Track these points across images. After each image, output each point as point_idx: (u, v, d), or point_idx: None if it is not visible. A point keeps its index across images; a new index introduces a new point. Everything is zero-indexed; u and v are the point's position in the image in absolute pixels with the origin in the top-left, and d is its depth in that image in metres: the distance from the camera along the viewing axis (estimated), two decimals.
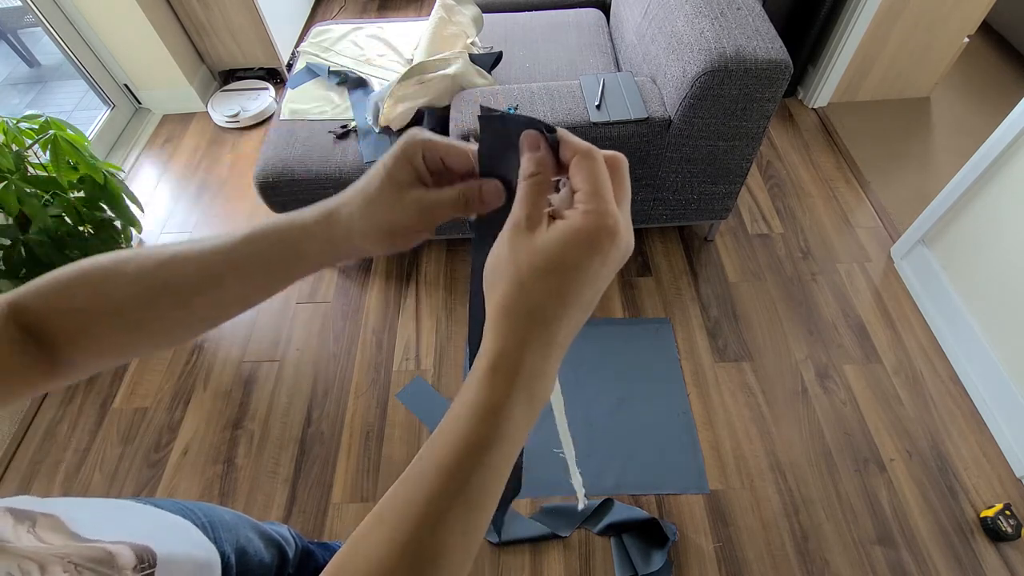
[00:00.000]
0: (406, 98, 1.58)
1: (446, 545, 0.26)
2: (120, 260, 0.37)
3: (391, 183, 0.35)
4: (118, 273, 0.36)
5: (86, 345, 0.37)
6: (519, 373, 0.28)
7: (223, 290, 0.37)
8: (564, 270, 0.27)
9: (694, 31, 1.39)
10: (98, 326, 0.37)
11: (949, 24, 2.10)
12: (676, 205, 1.71)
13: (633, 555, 1.29)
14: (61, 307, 0.36)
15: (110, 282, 0.36)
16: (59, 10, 2.12)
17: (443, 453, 0.28)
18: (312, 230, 0.36)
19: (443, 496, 0.27)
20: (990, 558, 1.29)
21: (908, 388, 1.56)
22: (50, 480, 1.48)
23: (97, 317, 0.36)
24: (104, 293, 0.36)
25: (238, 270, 0.37)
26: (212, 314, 0.39)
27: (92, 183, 1.40)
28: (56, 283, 0.36)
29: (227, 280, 0.37)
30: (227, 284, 0.37)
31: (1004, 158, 1.44)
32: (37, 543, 0.37)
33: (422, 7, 3.18)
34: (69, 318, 0.36)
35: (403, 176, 0.35)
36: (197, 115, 2.54)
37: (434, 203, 0.34)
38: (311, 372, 1.66)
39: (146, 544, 0.43)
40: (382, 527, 0.27)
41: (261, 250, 0.37)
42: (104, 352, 0.38)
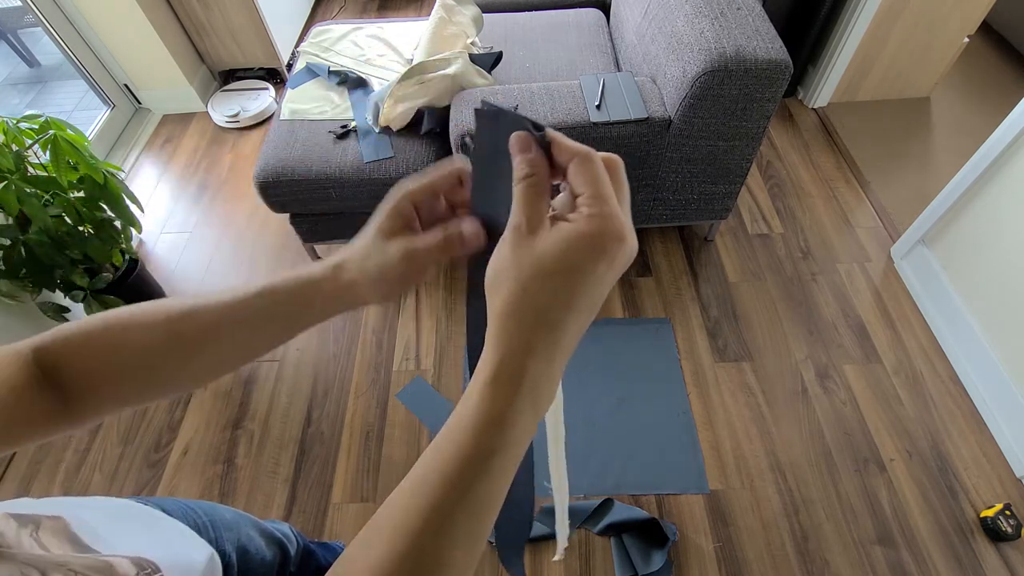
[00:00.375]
0: (406, 98, 1.58)
1: (448, 554, 0.26)
2: (141, 311, 0.39)
3: (378, 234, 0.36)
4: (137, 324, 0.38)
5: (104, 391, 0.39)
6: (523, 380, 0.27)
7: (235, 342, 0.40)
8: (569, 273, 0.27)
9: (694, 31, 1.39)
10: (116, 373, 0.38)
11: (949, 24, 2.10)
12: (676, 205, 1.71)
13: (633, 555, 1.29)
14: (82, 354, 0.38)
15: (130, 332, 0.38)
16: (59, 10, 2.12)
17: (445, 461, 0.27)
18: (321, 285, 0.38)
19: (445, 504, 0.26)
20: (990, 558, 1.29)
21: (908, 388, 1.56)
22: (50, 480, 1.48)
23: (116, 365, 0.38)
24: (123, 343, 0.38)
25: (250, 323, 0.39)
26: (222, 363, 0.41)
27: (92, 183, 1.40)
28: (79, 331, 0.38)
29: (239, 333, 0.39)
30: (239, 336, 0.39)
31: (1004, 158, 1.44)
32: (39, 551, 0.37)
33: (422, 7, 3.18)
34: (89, 365, 0.38)
35: (388, 225, 0.36)
36: (197, 115, 2.54)
37: (418, 250, 0.35)
38: (311, 372, 1.66)
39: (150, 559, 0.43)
40: (381, 536, 0.27)
41: (272, 304, 0.39)
42: (120, 398, 0.40)
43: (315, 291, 0.38)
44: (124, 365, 0.38)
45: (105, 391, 0.39)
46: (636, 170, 1.56)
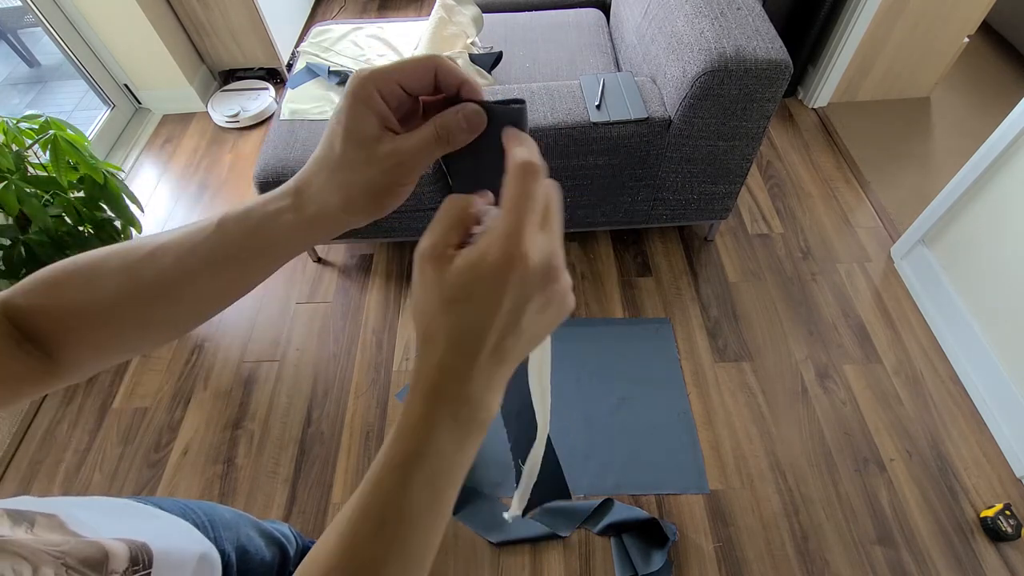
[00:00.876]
0: None
1: (381, 560, 0.27)
2: (105, 256, 0.36)
3: (355, 142, 0.31)
4: (103, 270, 0.36)
5: (79, 343, 0.36)
6: (438, 394, 0.27)
7: (200, 285, 0.36)
8: (469, 305, 0.26)
9: (694, 31, 1.39)
10: (87, 324, 0.36)
11: (949, 24, 2.10)
12: (676, 205, 1.71)
13: (633, 555, 1.29)
14: (49, 306, 0.35)
15: (95, 279, 0.35)
16: (59, 10, 2.12)
17: (373, 470, 0.28)
18: (279, 220, 0.33)
19: (372, 508, 0.27)
20: (990, 558, 1.29)
21: (908, 388, 1.56)
22: (50, 480, 1.48)
23: (85, 315, 0.35)
24: (89, 291, 0.35)
25: (212, 264, 0.35)
26: (197, 308, 0.38)
27: (92, 183, 1.40)
28: (43, 282, 0.36)
29: (203, 275, 0.35)
30: (203, 279, 0.36)
31: (1004, 158, 1.44)
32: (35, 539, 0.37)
33: (422, 7, 3.18)
34: (58, 317, 0.35)
35: (366, 129, 0.30)
36: (197, 115, 2.54)
37: (413, 149, 0.31)
38: (311, 372, 1.66)
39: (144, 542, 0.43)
40: (332, 534, 0.28)
41: (232, 243, 0.35)
42: (98, 350, 0.37)
43: (275, 226, 0.34)
44: (91, 315, 0.35)
45: (78, 343, 0.36)
46: (636, 170, 1.56)
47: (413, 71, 0.30)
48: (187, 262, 0.35)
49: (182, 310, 0.37)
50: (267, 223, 0.34)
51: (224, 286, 0.37)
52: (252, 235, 0.34)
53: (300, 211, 0.33)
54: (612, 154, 1.50)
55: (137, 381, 1.66)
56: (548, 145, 1.46)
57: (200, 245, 0.34)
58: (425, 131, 0.31)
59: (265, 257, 0.36)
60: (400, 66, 0.30)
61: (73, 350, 0.36)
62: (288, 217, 0.33)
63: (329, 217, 0.33)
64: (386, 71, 0.30)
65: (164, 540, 0.46)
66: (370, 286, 1.86)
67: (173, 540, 0.50)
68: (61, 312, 0.35)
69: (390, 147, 0.31)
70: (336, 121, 0.31)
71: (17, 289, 0.36)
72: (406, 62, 0.30)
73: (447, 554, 1.32)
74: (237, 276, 0.36)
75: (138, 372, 1.68)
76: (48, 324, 0.35)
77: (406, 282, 1.86)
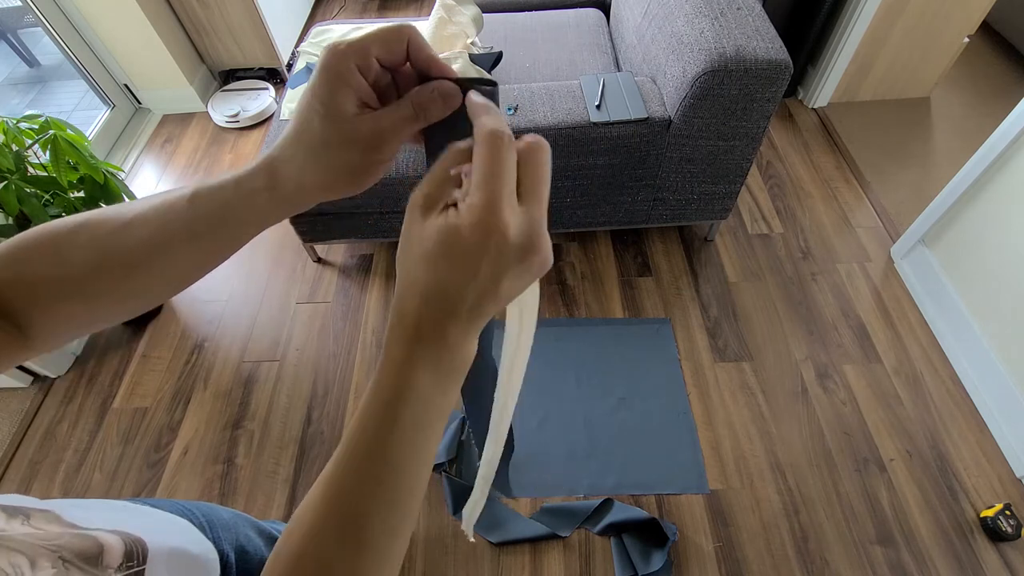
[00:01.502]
0: None
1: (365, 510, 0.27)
2: (72, 228, 0.35)
3: (333, 119, 0.30)
4: (71, 242, 0.35)
5: (49, 316, 0.36)
6: (419, 338, 0.28)
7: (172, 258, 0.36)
8: (446, 266, 0.26)
9: (694, 31, 1.39)
10: (57, 297, 0.35)
11: (949, 24, 2.10)
12: (676, 205, 1.71)
13: (633, 555, 1.29)
14: (16, 280, 0.35)
15: (63, 251, 0.35)
16: (59, 10, 2.12)
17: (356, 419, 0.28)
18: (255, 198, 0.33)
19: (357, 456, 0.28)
20: (990, 558, 1.29)
21: (908, 388, 1.56)
22: (50, 480, 1.48)
23: (54, 288, 0.35)
24: (57, 263, 0.35)
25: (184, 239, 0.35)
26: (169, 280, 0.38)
27: (92, 183, 1.40)
28: (10, 255, 0.35)
29: (175, 249, 0.35)
30: (175, 252, 0.35)
31: (1004, 158, 1.44)
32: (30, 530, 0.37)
33: (422, 7, 3.18)
34: (27, 291, 0.35)
35: (344, 106, 0.30)
36: (197, 115, 2.54)
37: (391, 125, 0.30)
38: (311, 372, 1.66)
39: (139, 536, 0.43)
40: (316, 489, 0.28)
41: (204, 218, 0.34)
42: (69, 321, 0.37)
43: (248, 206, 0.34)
44: (61, 289, 0.35)
45: (49, 315, 0.36)
46: (636, 170, 1.56)
47: (387, 42, 0.30)
48: (158, 236, 0.34)
49: (154, 282, 0.37)
50: (240, 202, 0.34)
51: (197, 259, 0.37)
52: (224, 212, 0.34)
53: (275, 190, 0.33)
54: (612, 154, 1.50)
55: (137, 381, 1.66)
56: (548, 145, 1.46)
57: (172, 220, 0.34)
58: (402, 107, 0.31)
59: (237, 232, 0.36)
60: (375, 37, 0.30)
61: (44, 323, 0.36)
62: (263, 196, 0.33)
63: (306, 194, 0.33)
64: (363, 43, 0.29)
65: (160, 536, 0.46)
66: (370, 286, 1.86)
67: (169, 536, 0.50)
68: (29, 286, 0.35)
69: (370, 125, 0.30)
70: (312, 95, 0.30)
71: None
72: (380, 32, 0.30)
73: (447, 554, 1.32)
74: (209, 250, 0.36)
75: (138, 372, 1.68)
76: (16, 298, 0.35)
77: None
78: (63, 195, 1.38)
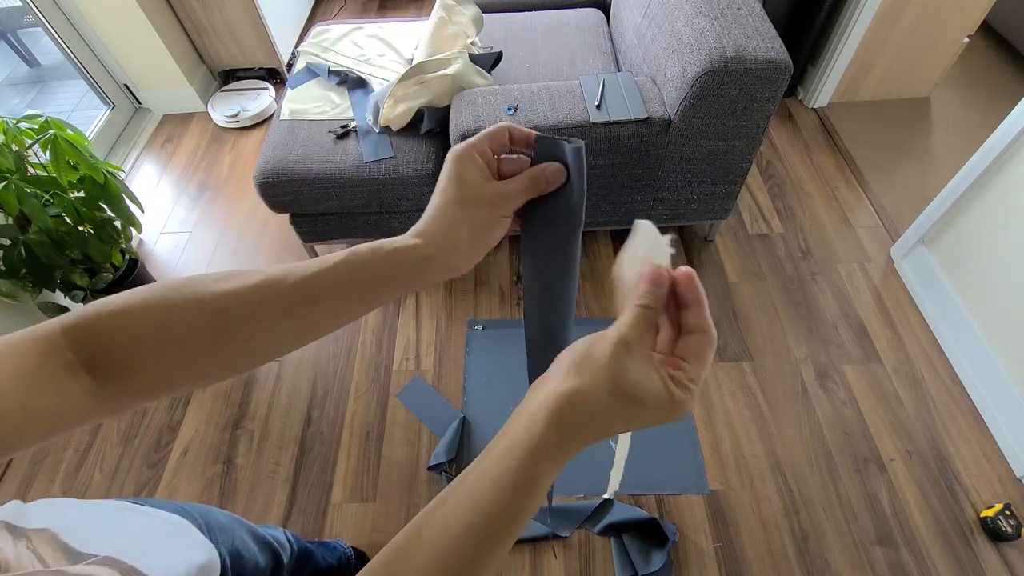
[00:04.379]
0: (406, 98, 1.58)
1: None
2: (180, 288, 0.36)
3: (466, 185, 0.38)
4: (180, 298, 0.35)
5: (148, 373, 0.35)
6: (558, 462, 0.31)
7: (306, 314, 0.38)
8: (640, 409, 0.31)
9: (694, 31, 1.39)
10: (161, 353, 0.35)
11: (949, 24, 2.10)
12: (676, 205, 1.70)
13: (633, 555, 1.29)
14: (124, 331, 0.34)
15: (174, 310, 0.35)
16: (59, 10, 2.12)
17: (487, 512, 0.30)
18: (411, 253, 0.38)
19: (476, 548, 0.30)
20: (990, 558, 1.29)
21: (908, 388, 1.56)
22: (50, 480, 1.48)
23: (160, 344, 0.35)
24: (167, 320, 0.35)
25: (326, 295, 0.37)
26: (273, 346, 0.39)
27: (92, 183, 1.40)
28: (114, 308, 0.34)
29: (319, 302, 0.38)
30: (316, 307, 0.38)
31: (1004, 158, 1.44)
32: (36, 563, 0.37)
33: (422, 7, 3.18)
34: (132, 344, 0.34)
35: (473, 176, 0.39)
36: (197, 115, 2.54)
37: (512, 189, 0.39)
38: (311, 372, 1.66)
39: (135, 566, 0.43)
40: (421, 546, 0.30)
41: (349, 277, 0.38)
42: (164, 381, 0.36)
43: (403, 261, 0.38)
44: (169, 345, 0.35)
45: (149, 373, 0.35)
46: (636, 170, 1.56)
47: (496, 136, 0.40)
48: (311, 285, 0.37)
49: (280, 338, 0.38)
50: (391, 256, 0.38)
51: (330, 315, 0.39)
52: (371, 266, 0.38)
53: (418, 249, 0.38)
54: (612, 154, 1.50)
55: None
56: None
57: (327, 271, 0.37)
58: (520, 179, 0.40)
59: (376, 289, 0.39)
60: (487, 133, 0.40)
61: (137, 382, 0.35)
62: (410, 253, 0.38)
63: (455, 248, 0.39)
64: (478, 138, 0.40)
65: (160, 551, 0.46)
66: None
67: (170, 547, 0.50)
68: (134, 344, 0.34)
69: (495, 187, 0.39)
70: (445, 178, 0.39)
71: (81, 315, 0.34)
72: (489, 130, 0.40)
73: None
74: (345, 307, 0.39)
75: None
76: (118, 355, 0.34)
77: None
78: (63, 195, 1.38)
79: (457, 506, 0.31)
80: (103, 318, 0.34)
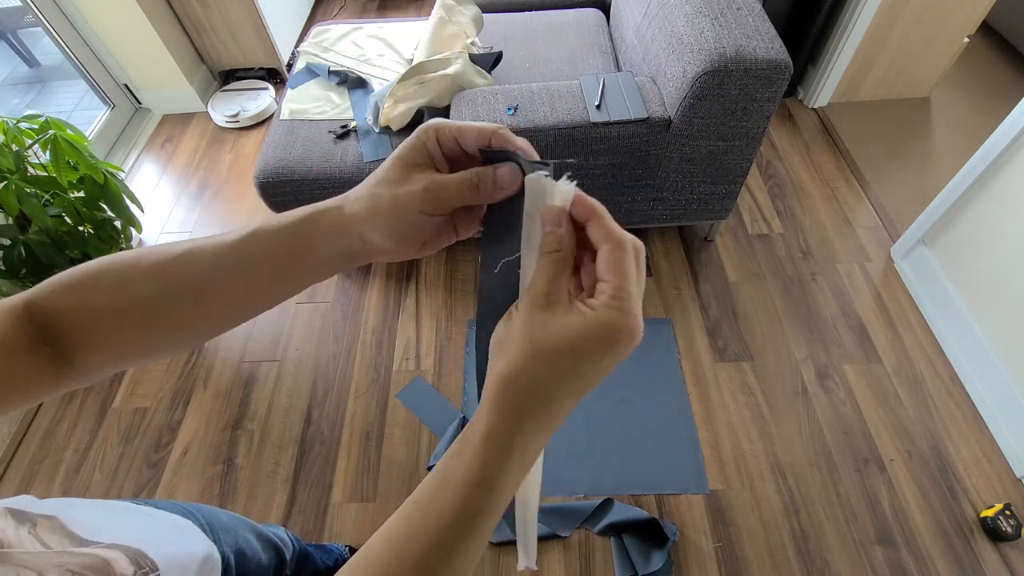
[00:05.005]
0: (406, 98, 1.59)
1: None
2: (135, 257, 0.36)
3: (401, 165, 0.34)
4: (132, 270, 0.35)
5: (98, 344, 0.36)
6: (512, 449, 0.28)
7: (232, 289, 0.36)
8: (576, 356, 0.27)
9: (694, 31, 1.39)
10: (111, 324, 0.35)
11: (949, 24, 2.10)
12: (676, 205, 1.71)
13: (633, 555, 1.29)
14: (74, 306, 0.35)
15: (124, 279, 0.35)
16: (59, 10, 2.12)
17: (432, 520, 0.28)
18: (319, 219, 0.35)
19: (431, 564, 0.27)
20: (990, 558, 1.29)
21: (908, 388, 1.56)
22: (50, 480, 1.48)
23: (110, 315, 0.35)
24: (118, 290, 0.35)
25: (245, 267, 0.35)
26: (225, 313, 0.38)
27: (92, 183, 1.40)
28: (70, 281, 0.35)
29: (235, 278, 0.36)
30: (236, 283, 0.36)
31: (1004, 158, 1.44)
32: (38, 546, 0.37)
33: (422, 7, 3.18)
34: (82, 317, 0.35)
35: (414, 157, 0.34)
36: (197, 115, 2.54)
37: (443, 184, 0.33)
38: (311, 372, 1.66)
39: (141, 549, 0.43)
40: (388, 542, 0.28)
41: (267, 243, 0.35)
42: (117, 352, 0.37)
43: (313, 226, 0.35)
44: (122, 316, 0.35)
45: (104, 344, 0.36)
46: (636, 170, 1.56)
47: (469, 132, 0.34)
48: (221, 261, 0.35)
49: (212, 312, 0.37)
50: (306, 223, 0.35)
51: (255, 290, 0.37)
52: (295, 230, 0.35)
53: (340, 213, 0.34)
54: (612, 154, 1.50)
55: (137, 381, 1.66)
56: (548, 145, 1.46)
57: (236, 244, 0.35)
58: (461, 174, 0.33)
59: (299, 261, 0.36)
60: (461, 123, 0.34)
61: (94, 352, 0.36)
62: (331, 215, 0.35)
63: (361, 231, 0.34)
64: (448, 123, 0.34)
65: (164, 543, 0.46)
66: (370, 286, 1.86)
67: (175, 542, 0.50)
68: (88, 313, 0.35)
69: (428, 177, 0.33)
70: (395, 150, 0.35)
71: (41, 289, 0.35)
72: (472, 124, 0.34)
73: None
74: (268, 280, 0.36)
75: (138, 372, 1.68)
76: (72, 326, 0.35)
77: (406, 282, 1.86)
78: (63, 195, 1.38)
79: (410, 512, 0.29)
80: (55, 295, 0.35)
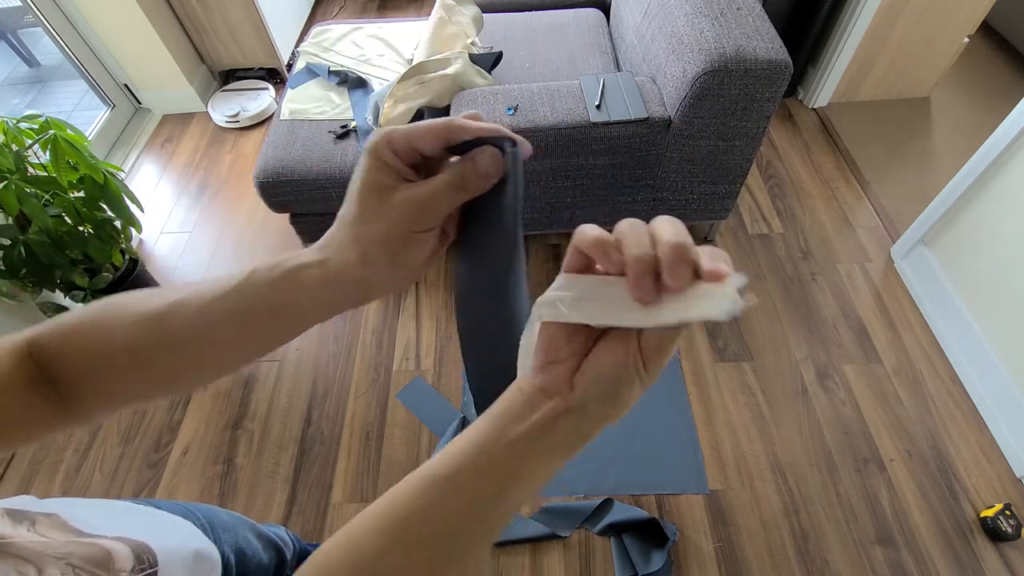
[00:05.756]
0: (406, 98, 1.58)
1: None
2: (130, 302, 0.36)
3: (371, 192, 0.31)
4: (127, 314, 0.35)
5: (95, 388, 0.36)
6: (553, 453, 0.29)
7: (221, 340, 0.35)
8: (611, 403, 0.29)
9: (694, 31, 1.39)
10: (106, 369, 0.36)
11: (949, 24, 2.10)
12: (676, 205, 1.70)
13: (633, 555, 1.29)
14: (72, 349, 0.36)
15: (118, 326, 0.35)
16: (59, 10, 2.12)
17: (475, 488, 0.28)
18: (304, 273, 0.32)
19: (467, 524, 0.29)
20: (990, 558, 1.29)
21: (908, 388, 1.56)
22: (50, 480, 1.48)
23: (107, 362, 0.35)
24: (113, 333, 0.35)
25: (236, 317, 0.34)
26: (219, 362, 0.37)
27: (92, 183, 1.40)
28: (70, 323, 0.36)
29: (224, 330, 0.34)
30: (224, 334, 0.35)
31: (1004, 158, 1.44)
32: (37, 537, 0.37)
33: (422, 7, 3.18)
34: (79, 360, 0.35)
35: (381, 180, 0.31)
36: (197, 115, 2.54)
37: (427, 195, 0.31)
38: (311, 372, 1.66)
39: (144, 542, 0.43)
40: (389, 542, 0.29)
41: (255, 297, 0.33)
42: (116, 396, 0.37)
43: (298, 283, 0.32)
44: (115, 362, 0.35)
45: (100, 388, 0.36)
46: (636, 170, 1.56)
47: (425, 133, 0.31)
48: (211, 312, 0.34)
49: (208, 360, 0.37)
50: (291, 277, 0.33)
51: (248, 340, 0.36)
52: (276, 288, 0.33)
53: (324, 266, 0.32)
54: (612, 154, 1.50)
55: None
56: (548, 145, 1.46)
57: (226, 295, 0.34)
58: (441, 178, 0.31)
59: (288, 313, 0.34)
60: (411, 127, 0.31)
61: (92, 395, 0.36)
62: (313, 272, 0.32)
63: (348, 273, 0.32)
64: (398, 131, 0.31)
65: (165, 539, 0.46)
66: None
67: (174, 539, 0.50)
68: (84, 357, 0.35)
69: (403, 194, 0.31)
70: (354, 178, 0.32)
71: (44, 328, 0.36)
72: (421, 125, 0.31)
73: None
74: (260, 331, 0.35)
75: None
76: (70, 368, 0.35)
77: None
78: (63, 195, 1.38)
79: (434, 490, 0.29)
80: (56, 336, 0.35)
